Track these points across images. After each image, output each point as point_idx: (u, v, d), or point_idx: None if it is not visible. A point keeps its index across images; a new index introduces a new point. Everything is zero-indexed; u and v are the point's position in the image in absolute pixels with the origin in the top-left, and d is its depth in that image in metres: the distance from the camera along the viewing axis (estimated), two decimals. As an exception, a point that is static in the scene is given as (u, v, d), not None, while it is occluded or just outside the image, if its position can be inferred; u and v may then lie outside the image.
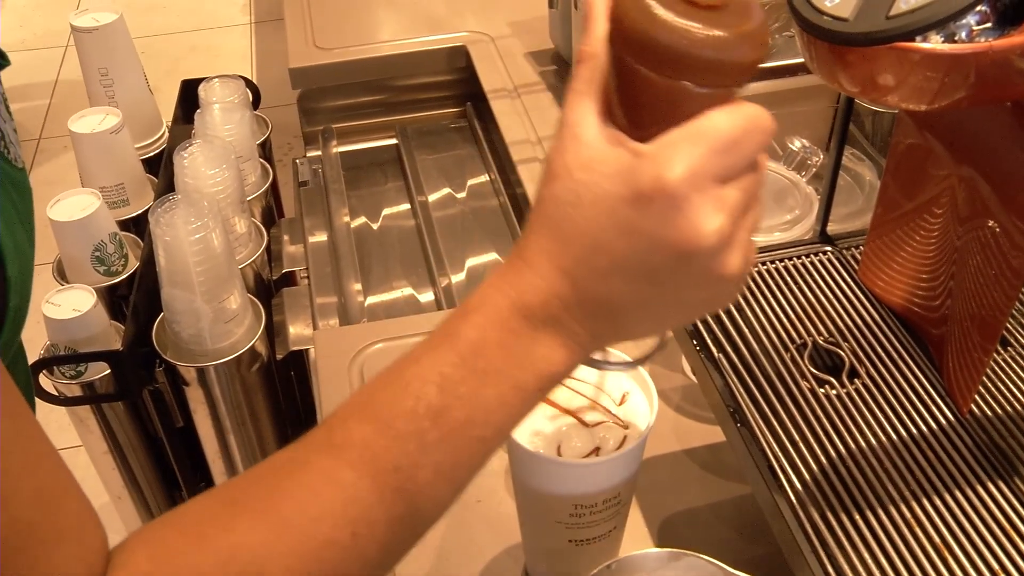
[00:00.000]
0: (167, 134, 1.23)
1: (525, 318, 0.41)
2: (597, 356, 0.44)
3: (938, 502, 0.56)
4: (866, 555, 0.53)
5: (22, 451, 0.36)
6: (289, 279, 1.15)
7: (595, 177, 0.39)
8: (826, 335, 0.67)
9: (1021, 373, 0.63)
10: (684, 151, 0.37)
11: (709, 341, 0.66)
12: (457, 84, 1.31)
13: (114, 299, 1.05)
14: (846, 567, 0.53)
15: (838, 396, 0.62)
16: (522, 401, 0.42)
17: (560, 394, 0.60)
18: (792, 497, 0.56)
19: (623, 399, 0.60)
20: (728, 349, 0.66)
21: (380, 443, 0.40)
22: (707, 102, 0.37)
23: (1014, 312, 0.67)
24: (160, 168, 1.12)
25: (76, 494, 0.39)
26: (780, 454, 0.59)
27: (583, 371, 0.61)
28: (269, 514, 0.40)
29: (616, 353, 0.54)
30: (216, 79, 1.16)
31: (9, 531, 0.35)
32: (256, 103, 1.25)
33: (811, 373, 0.64)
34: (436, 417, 0.40)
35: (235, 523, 0.40)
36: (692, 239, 0.37)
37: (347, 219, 1.14)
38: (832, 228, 0.75)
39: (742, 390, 0.63)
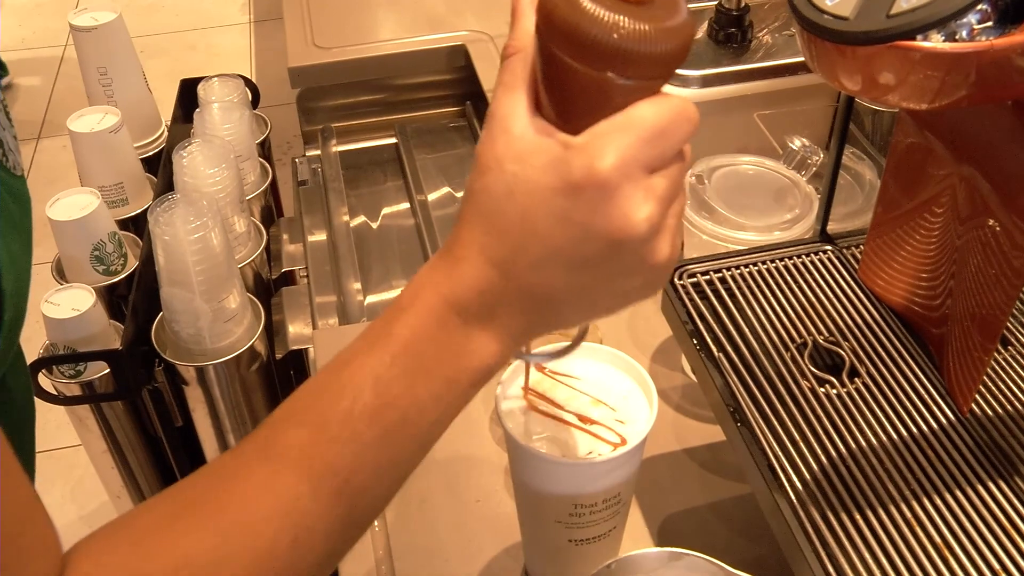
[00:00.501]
0: (166, 133, 1.23)
1: (458, 314, 0.41)
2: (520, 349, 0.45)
3: (938, 501, 0.56)
4: (866, 554, 0.53)
5: None
6: (288, 278, 1.15)
7: (527, 169, 0.39)
8: (826, 334, 0.67)
9: (1022, 372, 0.63)
10: (614, 141, 0.37)
11: (709, 340, 0.66)
12: (457, 83, 1.31)
13: (113, 298, 1.05)
14: (846, 566, 0.52)
15: (838, 395, 0.62)
16: (455, 396, 0.42)
17: (560, 393, 0.60)
18: (792, 496, 0.56)
19: (623, 398, 0.60)
20: (728, 348, 0.66)
21: (317, 447, 0.41)
22: (634, 94, 0.38)
23: (1014, 312, 0.67)
24: (159, 167, 1.12)
25: (41, 510, 0.39)
26: (780, 453, 0.59)
27: (583, 370, 0.61)
28: (212, 521, 0.40)
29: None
30: (215, 78, 1.16)
31: None
32: (255, 102, 1.25)
33: (811, 372, 0.64)
34: (371, 418, 0.41)
35: (179, 534, 0.40)
36: (624, 227, 0.38)
37: (346, 218, 1.14)
38: (832, 227, 0.75)
39: (742, 389, 0.63)
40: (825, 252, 0.74)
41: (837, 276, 0.72)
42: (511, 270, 0.40)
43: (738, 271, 0.72)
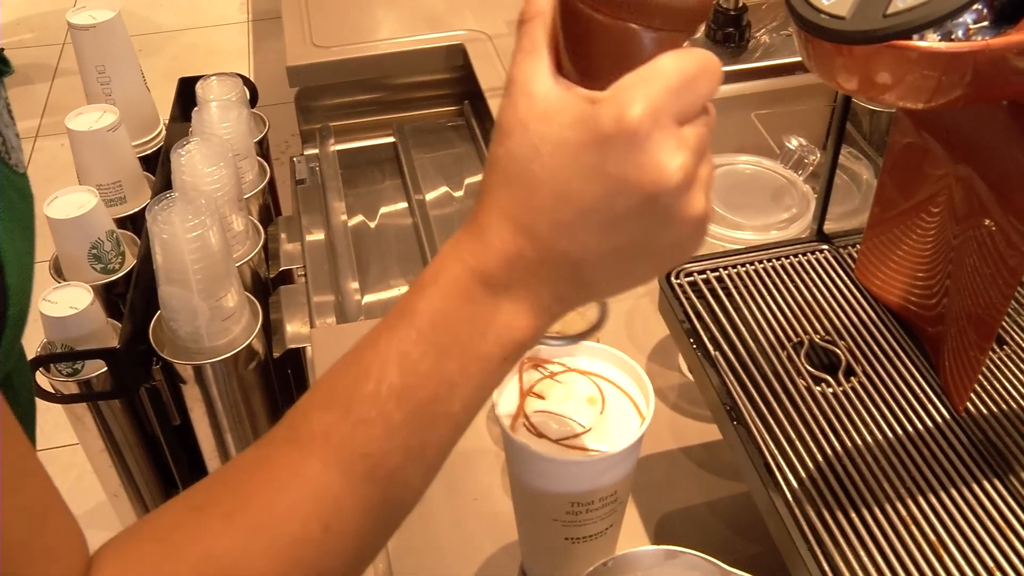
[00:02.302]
0: (164, 132, 1.23)
1: (485, 285, 0.39)
2: None
3: (934, 500, 0.56)
4: (861, 553, 0.53)
5: (10, 468, 0.35)
6: (286, 277, 1.15)
7: (553, 127, 0.38)
8: (822, 333, 0.67)
9: (1017, 372, 0.63)
10: (641, 91, 0.36)
11: (706, 339, 0.67)
12: (455, 82, 1.31)
13: (111, 297, 1.05)
14: (841, 565, 0.53)
15: (834, 394, 0.62)
16: (487, 372, 0.40)
17: (556, 391, 0.60)
18: (788, 495, 0.56)
19: (618, 398, 0.60)
20: (724, 347, 0.66)
21: (344, 430, 0.39)
22: (658, 47, 0.38)
23: (1010, 311, 0.67)
24: (157, 166, 1.12)
25: (62, 508, 0.38)
26: (776, 452, 0.59)
27: (581, 365, 0.61)
28: (238, 516, 0.39)
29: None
30: (213, 77, 1.16)
31: (2, 550, 0.34)
32: (253, 101, 1.25)
33: (807, 371, 0.64)
34: (399, 398, 0.39)
35: (205, 529, 0.39)
36: (657, 179, 0.37)
37: (344, 217, 1.14)
38: (829, 227, 0.75)
39: (738, 388, 0.63)
40: (822, 251, 0.74)
41: (834, 275, 0.72)
42: (541, 235, 0.38)
43: (735, 270, 0.72)
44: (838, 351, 0.65)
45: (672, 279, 0.71)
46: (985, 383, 0.63)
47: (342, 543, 0.40)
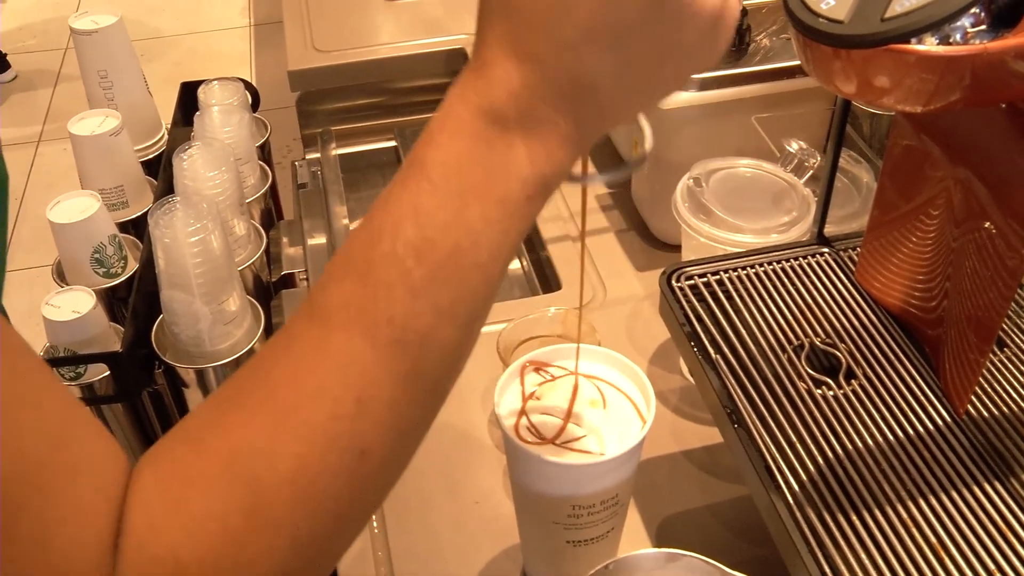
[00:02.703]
0: (166, 136, 1.23)
1: (495, 122, 0.37)
2: (577, 173, 0.41)
3: (934, 503, 0.56)
4: (863, 555, 0.53)
5: (22, 384, 0.34)
6: (288, 281, 1.15)
7: None
8: (823, 336, 0.67)
9: (1017, 374, 0.63)
10: None
11: (706, 342, 0.67)
12: (456, 87, 1.32)
13: (113, 301, 1.05)
14: (842, 567, 0.53)
15: (835, 397, 0.62)
16: (510, 215, 0.37)
17: (557, 394, 0.60)
18: (789, 498, 0.56)
19: (620, 401, 0.60)
20: (725, 350, 0.66)
21: (364, 295, 0.37)
22: None
23: (1010, 313, 0.67)
24: (159, 170, 1.12)
25: (87, 424, 0.37)
26: (777, 455, 0.59)
27: (582, 368, 0.61)
28: (265, 404, 0.37)
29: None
30: (215, 81, 1.16)
31: (20, 468, 0.33)
32: (255, 105, 1.25)
33: (808, 374, 0.64)
34: (418, 254, 0.36)
35: (232, 422, 0.37)
36: None
37: (346, 221, 1.14)
38: (829, 230, 0.75)
39: (739, 391, 0.63)
40: (822, 254, 0.74)
41: (834, 278, 0.72)
42: (546, 58, 0.36)
43: (735, 273, 0.72)
44: (839, 354, 0.65)
45: (673, 282, 0.71)
46: (985, 385, 0.63)
47: (379, 415, 0.37)
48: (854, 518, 0.55)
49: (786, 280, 0.72)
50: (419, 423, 0.40)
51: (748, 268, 0.73)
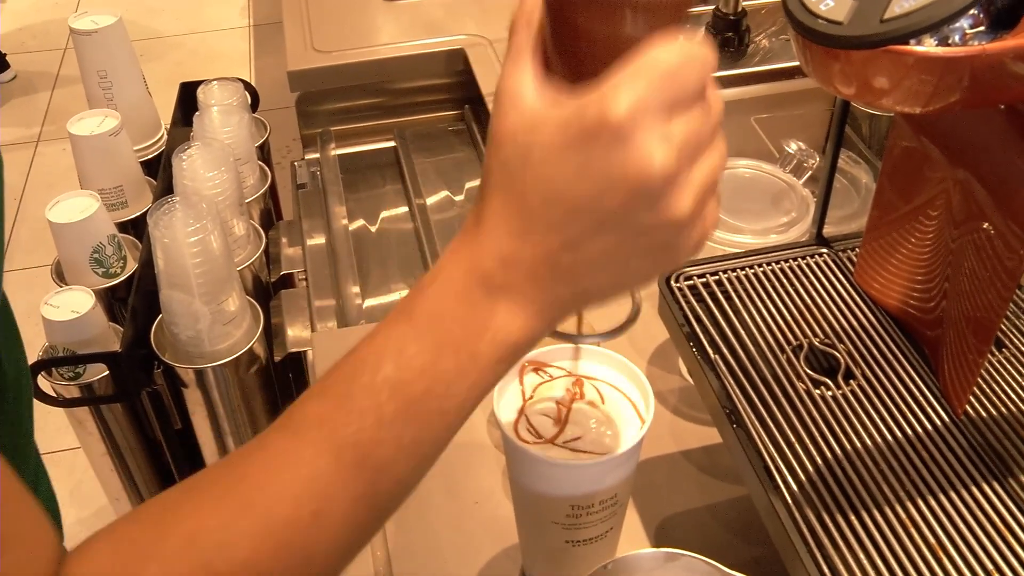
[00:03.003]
0: (166, 136, 1.23)
1: (482, 286, 0.40)
2: (571, 332, 0.44)
3: (933, 503, 0.56)
4: (861, 555, 0.53)
5: None
6: (287, 281, 1.15)
7: (540, 136, 0.38)
8: (822, 337, 0.67)
9: (1016, 375, 0.63)
10: (625, 87, 0.36)
11: (705, 343, 0.67)
12: (455, 87, 1.32)
13: (113, 301, 1.06)
14: (841, 567, 0.53)
15: (834, 397, 0.63)
16: (482, 373, 0.41)
17: (555, 393, 0.60)
18: (788, 498, 0.56)
19: (619, 401, 0.60)
20: (724, 351, 0.66)
21: (338, 418, 0.40)
22: (646, 33, 0.38)
23: (1008, 314, 0.67)
24: (159, 170, 1.12)
25: (23, 499, 0.39)
26: (776, 455, 0.59)
27: (582, 368, 0.61)
28: (228, 497, 0.40)
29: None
30: (215, 82, 1.17)
31: None
32: (255, 106, 1.26)
33: (807, 375, 0.64)
34: (393, 390, 0.40)
35: (195, 508, 0.40)
36: (638, 173, 0.36)
37: (345, 222, 1.14)
38: (828, 230, 0.75)
39: (738, 392, 0.63)
40: (821, 255, 0.74)
41: (833, 279, 0.72)
42: (533, 238, 0.39)
43: (735, 274, 0.72)
44: (837, 354, 0.65)
45: (672, 283, 0.71)
46: (984, 386, 0.63)
47: (332, 529, 0.40)
48: (853, 518, 0.55)
49: (785, 281, 0.72)
50: (366, 536, 0.43)
51: (747, 269, 0.73)
